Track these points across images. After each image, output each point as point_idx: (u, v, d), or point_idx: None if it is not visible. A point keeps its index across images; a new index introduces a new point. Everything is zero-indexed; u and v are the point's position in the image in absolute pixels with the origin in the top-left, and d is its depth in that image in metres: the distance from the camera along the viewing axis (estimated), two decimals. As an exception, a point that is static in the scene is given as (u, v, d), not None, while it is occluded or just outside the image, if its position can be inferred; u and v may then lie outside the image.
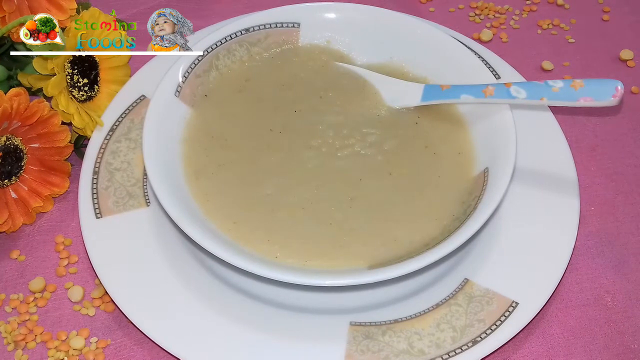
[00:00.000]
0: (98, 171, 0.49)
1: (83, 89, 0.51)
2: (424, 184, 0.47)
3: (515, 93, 0.45)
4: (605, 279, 0.46)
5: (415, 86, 0.50)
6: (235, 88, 0.51)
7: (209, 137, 0.48)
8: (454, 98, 0.48)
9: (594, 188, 0.50)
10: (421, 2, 0.64)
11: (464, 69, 0.49)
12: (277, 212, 0.45)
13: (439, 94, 0.48)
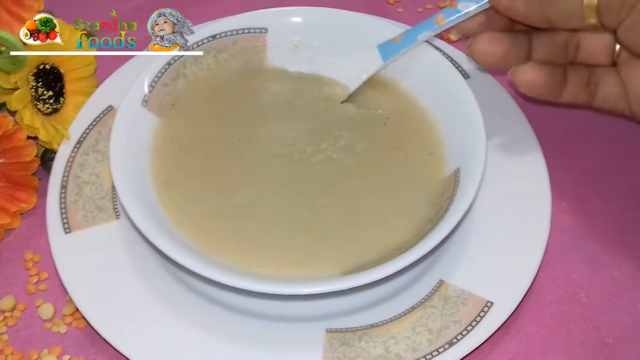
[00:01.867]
0: (66, 185, 0.48)
1: (48, 101, 0.51)
2: (396, 187, 0.47)
3: (464, 8, 0.46)
4: (579, 275, 0.47)
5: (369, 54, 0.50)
6: (203, 97, 0.51)
7: (178, 147, 0.48)
8: (413, 42, 0.48)
9: (565, 184, 0.50)
10: (389, 3, 0.64)
11: (432, 68, 0.49)
12: (249, 221, 0.45)
13: (397, 47, 0.49)
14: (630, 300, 0.46)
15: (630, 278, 0.46)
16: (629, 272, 0.47)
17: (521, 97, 0.53)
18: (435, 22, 0.47)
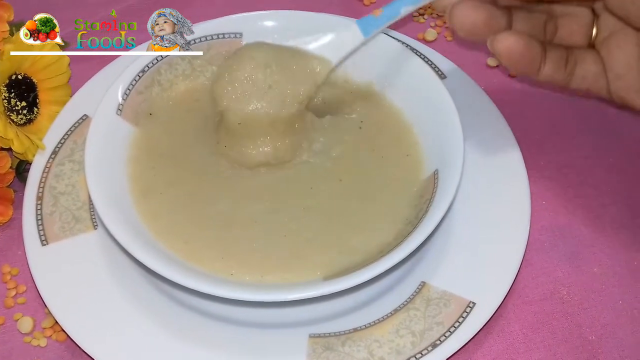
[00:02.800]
0: (42, 196, 0.48)
1: (22, 112, 0.50)
2: (374, 189, 0.47)
3: None
4: (560, 273, 0.47)
5: (348, 31, 0.48)
6: (185, 108, 0.50)
7: (157, 156, 0.47)
8: (395, 17, 0.47)
9: (544, 182, 0.51)
10: (364, 4, 0.64)
11: (408, 70, 0.49)
12: (230, 228, 0.45)
13: (377, 21, 0.47)
14: (611, 297, 0.46)
15: (611, 275, 0.47)
16: (610, 269, 0.47)
17: (503, 72, 0.52)
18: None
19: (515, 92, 0.56)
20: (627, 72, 0.44)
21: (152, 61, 0.50)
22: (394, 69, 0.50)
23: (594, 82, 0.45)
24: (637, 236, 0.48)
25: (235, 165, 0.47)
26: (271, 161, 0.47)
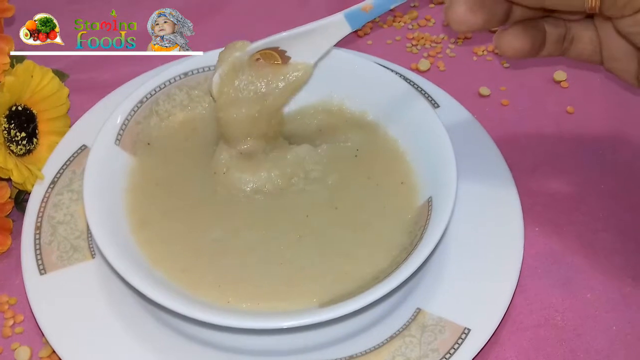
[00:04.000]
0: (40, 226, 0.48)
1: (21, 142, 0.51)
2: (370, 216, 0.47)
3: None
4: (554, 299, 0.47)
5: (333, 22, 0.47)
6: (183, 136, 0.51)
7: (154, 185, 0.48)
8: (384, 11, 0.46)
9: (537, 209, 0.51)
10: (359, 36, 0.65)
11: (402, 100, 0.50)
12: (226, 257, 0.45)
13: (366, 17, 0.46)
14: (605, 322, 0.46)
15: (604, 300, 0.47)
16: (603, 294, 0.47)
17: (495, 101, 0.53)
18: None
19: (507, 120, 0.57)
20: (623, 57, 0.44)
21: (150, 92, 0.50)
22: (388, 99, 0.51)
23: (588, 57, 0.46)
24: (629, 261, 0.49)
25: (232, 191, 0.48)
26: (266, 188, 0.48)
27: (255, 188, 0.48)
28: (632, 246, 0.49)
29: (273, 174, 0.48)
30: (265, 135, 0.50)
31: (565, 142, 0.56)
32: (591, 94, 0.59)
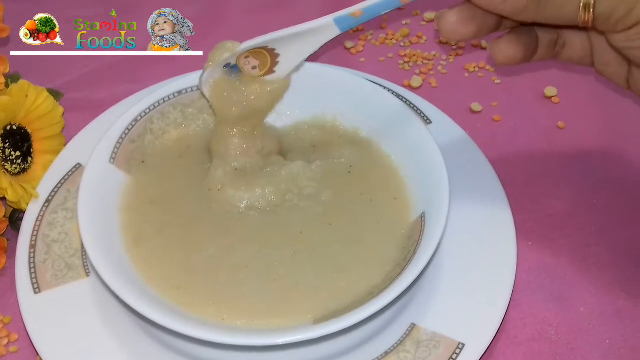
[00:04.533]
0: (35, 244, 0.48)
1: (16, 162, 0.51)
2: (364, 232, 0.47)
3: None
4: (548, 313, 0.47)
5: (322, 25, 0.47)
6: (177, 153, 0.52)
7: (148, 203, 0.48)
8: (374, 17, 0.46)
9: (529, 224, 0.52)
10: (351, 53, 0.65)
11: (395, 116, 0.51)
12: (221, 273, 0.45)
13: (356, 21, 0.46)
14: (598, 336, 0.46)
15: (597, 314, 0.47)
16: (597, 308, 0.48)
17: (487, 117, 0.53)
18: (400, 1, 0.44)
19: (499, 135, 0.58)
20: (614, 62, 0.45)
21: (145, 110, 0.51)
22: (380, 115, 0.51)
23: (580, 61, 0.47)
24: (622, 275, 0.49)
25: (227, 208, 0.48)
26: (260, 205, 0.48)
27: (249, 205, 0.48)
28: (624, 260, 0.50)
29: (267, 190, 0.49)
30: (259, 152, 0.51)
31: (557, 157, 0.56)
32: (582, 110, 0.60)
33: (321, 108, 0.53)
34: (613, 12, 0.39)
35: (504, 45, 0.44)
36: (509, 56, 0.45)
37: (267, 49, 0.49)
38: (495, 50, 0.45)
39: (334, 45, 0.66)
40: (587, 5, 0.39)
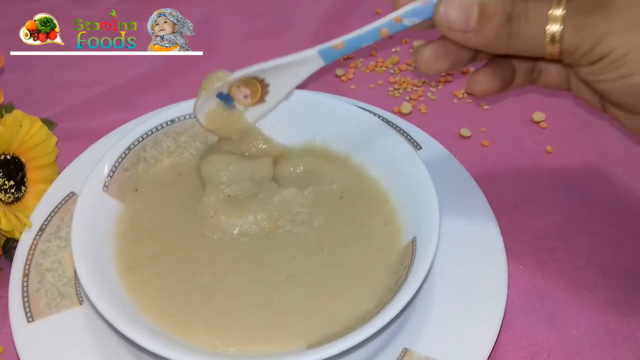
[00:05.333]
0: (28, 273, 0.48)
1: (10, 191, 0.51)
2: (356, 257, 0.48)
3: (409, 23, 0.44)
4: (539, 335, 0.48)
5: (308, 57, 0.49)
6: (169, 181, 0.52)
7: (141, 230, 0.49)
8: (355, 50, 0.47)
9: (520, 247, 0.52)
10: (342, 81, 0.66)
11: (385, 142, 0.51)
12: (213, 300, 0.45)
13: (338, 53, 0.48)
14: (590, 358, 0.47)
15: (589, 336, 0.48)
16: (588, 331, 0.48)
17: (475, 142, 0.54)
18: (379, 34, 0.45)
19: (488, 160, 0.58)
20: (589, 90, 0.46)
21: (138, 139, 0.51)
22: (371, 142, 0.52)
23: (557, 86, 0.49)
24: (612, 297, 0.49)
25: (219, 234, 0.48)
26: (253, 231, 0.49)
27: (242, 231, 0.49)
28: (614, 282, 0.50)
29: (260, 217, 0.49)
30: (252, 178, 0.51)
31: (545, 181, 0.57)
32: (569, 134, 0.61)
33: (313, 135, 0.54)
34: (578, 47, 0.40)
35: (481, 78, 0.47)
36: (485, 88, 0.47)
37: (257, 78, 0.50)
38: (473, 83, 0.47)
39: (325, 73, 0.67)
40: (554, 39, 0.40)
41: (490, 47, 0.42)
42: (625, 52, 0.39)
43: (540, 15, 0.40)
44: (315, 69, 0.49)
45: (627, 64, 0.39)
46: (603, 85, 0.41)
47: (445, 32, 0.42)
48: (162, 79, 0.66)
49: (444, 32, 0.43)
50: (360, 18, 0.75)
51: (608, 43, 0.39)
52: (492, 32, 0.41)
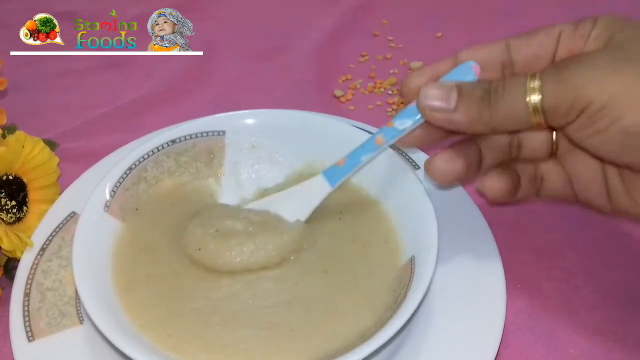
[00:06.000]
0: (29, 292, 0.48)
1: (11, 211, 0.51)
2: (357, 277, 0.48)
3: (401, 126, 0.46)
4: (538, 354, 0.48)
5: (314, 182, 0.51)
6: (168, 202, 0.52)
7: (140, 249, 0.49)
8: (357, 165, 0.49)
9: (518, 266, 0.52)
10: (341, 101, 0.67)
11: (384, 163, 0.52)
12: (213, 321, 0.45)
13: (341, 171, 0.50)
14: (588, 377, 0.47)
15: (587, 355, 0.48)
16: (586, 350, 0.48)
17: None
18: (375, 143, 0.48)
19: (485, 180, 0.59)
20: (591, 185, 0.46)
21: (139, 159, 0.52)
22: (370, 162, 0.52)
23: (562, 194, 0.49)
24: (610, 316, 0.50)
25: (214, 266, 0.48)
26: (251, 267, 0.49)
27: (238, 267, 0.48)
28: (612, 301, 0.50)
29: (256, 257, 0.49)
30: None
31: (543, 201, 0.57)
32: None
33: (311, 156, 0.55)
34: (560, 103, 0.40)
35: (491, 179, 0.47)
36: (497, 188, 0.47)
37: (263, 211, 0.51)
38: (484, 184, 0.47)
39: (323, 94, 0.68)
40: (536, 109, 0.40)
41: (474, 123, 0.42)
42: (607, 97, 0.38)
43: (517, 86, 0.41)
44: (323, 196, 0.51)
45: (612, 109, 0.38)
46: (597, 140, 0.40)
47: (429, 116, 0.43)
48: (163, 100, 0.67)
49: (427, 117, 0.44)
50: (358, 39, 0.76)
51: (587, 92, 0.38)
52: (473, 107, 0.42)
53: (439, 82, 0.44)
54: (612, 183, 0.46)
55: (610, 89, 0.38)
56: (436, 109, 0.43)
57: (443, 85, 0.43)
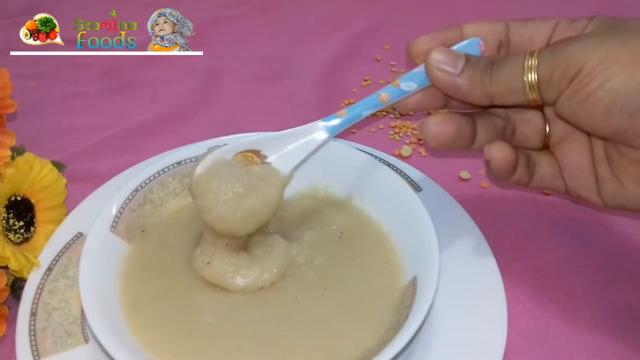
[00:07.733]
0: (35, 312, 0.49)
1: (19, 231, 0.52)
2: (357, 295, 0.48)
3: (407, 87, 0.48)
4: (539, 375, 0.48)
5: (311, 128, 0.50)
6: (173, 223, 0.53)
7: (146, 270, 0.49)
8: (358, 119, 0.50)
9: (519, 287, 0.53)
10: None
11: (385, 184, 0.53)
12: (217, 339, 0.46)
13: (341, 122, 0.50)
14: (590, 397, 0.47)
15: (589, 375, 0.48)
16: (588, 370, 0.48)
17: (475, 184, 0.55)
18: (379, 100, 0.49)
19: (487, 202, 0.60)
20: (580, 173, 0.48)
21: (145, 181, 0.53)
22: (370, 183, 0.53)
23: (551, 182, 0.50)
24: (612, 337, 0.50)
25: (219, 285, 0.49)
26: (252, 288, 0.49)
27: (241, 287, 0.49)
28: (613, 321, 0.51)
29: (261, 276, 0.49)
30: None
31: (544, 222, 0.58)
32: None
33: (314, 178, 0.55)
34: (553, 71, 0.43)
35: (497, 146, 0.48)
36: (501, 156, 0.48)
37: (257, 153, 0.51)
38: (491, 152, 0.48)
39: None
40: (532, 86, 0.44)
41: (475, 90, 0.45)
42: (598, 60, 0.41)
43: (516, 62, 0.44)
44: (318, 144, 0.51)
45: (602, 71, 0.41)
46: (587, 106, 0.42)
47: (435, 77, 0.46)
48: (169, 123, 0.68)
49: (433, 77, 0.46)
50: (361, 64, 0.77)
51: (579, 57, 0.42)
52: (476, 74, 0.45)
53: (450, 49, 0.47)
54: (601, 170, 0.47)
55: (601, 53, 0.41)
56: (443, 70, 0.46)
57: (453, 51, 0.46)
